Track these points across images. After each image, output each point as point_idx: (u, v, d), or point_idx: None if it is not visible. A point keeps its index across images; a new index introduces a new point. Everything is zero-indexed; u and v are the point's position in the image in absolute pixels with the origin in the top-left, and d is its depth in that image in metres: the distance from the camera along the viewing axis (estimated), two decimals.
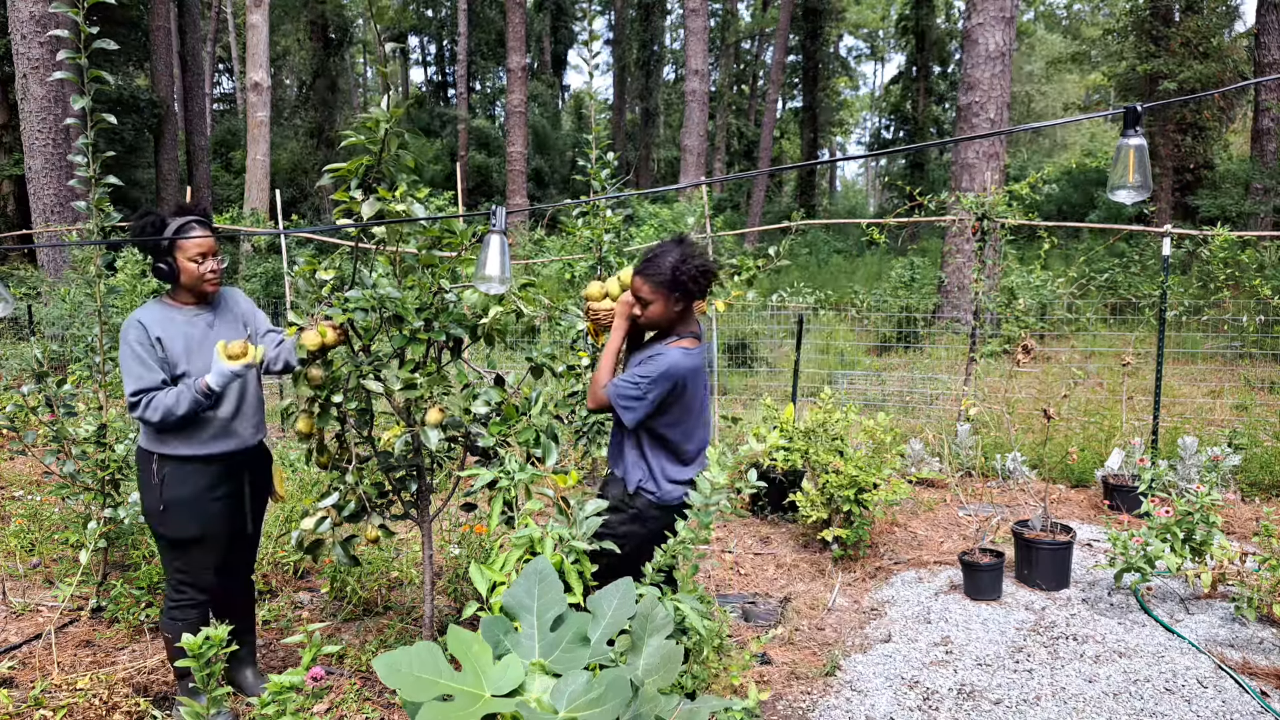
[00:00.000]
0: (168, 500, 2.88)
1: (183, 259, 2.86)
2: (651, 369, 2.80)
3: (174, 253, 2.85)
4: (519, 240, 15.10)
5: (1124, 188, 2.02)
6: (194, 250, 2.86)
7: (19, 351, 8.67)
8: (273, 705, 2.31)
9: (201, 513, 2.92)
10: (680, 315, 2.92)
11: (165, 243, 2.83)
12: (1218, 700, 3.22)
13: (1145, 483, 4.98)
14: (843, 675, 3.47)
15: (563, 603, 1.76)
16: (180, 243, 2.83)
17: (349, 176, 2.84)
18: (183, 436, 2.87)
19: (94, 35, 3.36)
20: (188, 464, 2.89)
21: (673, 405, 2.87)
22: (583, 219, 5.32)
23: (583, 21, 36.74)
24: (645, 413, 2.82)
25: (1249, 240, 9.02)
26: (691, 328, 2.96)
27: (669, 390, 2.81)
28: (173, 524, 2.91)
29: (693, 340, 2.93)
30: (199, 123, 22.35)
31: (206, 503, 2.93)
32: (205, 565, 2.98)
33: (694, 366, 2.88)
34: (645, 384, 2.79)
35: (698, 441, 3.04)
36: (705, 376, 3.02)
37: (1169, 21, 17.70)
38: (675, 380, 2.81)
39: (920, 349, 10.66)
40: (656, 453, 2.94)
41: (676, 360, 2.82)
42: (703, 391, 3.01)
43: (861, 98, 52.53)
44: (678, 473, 2.96)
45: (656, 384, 2.79)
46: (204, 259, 2.88)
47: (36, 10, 11.18)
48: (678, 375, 2.81)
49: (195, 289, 2.92)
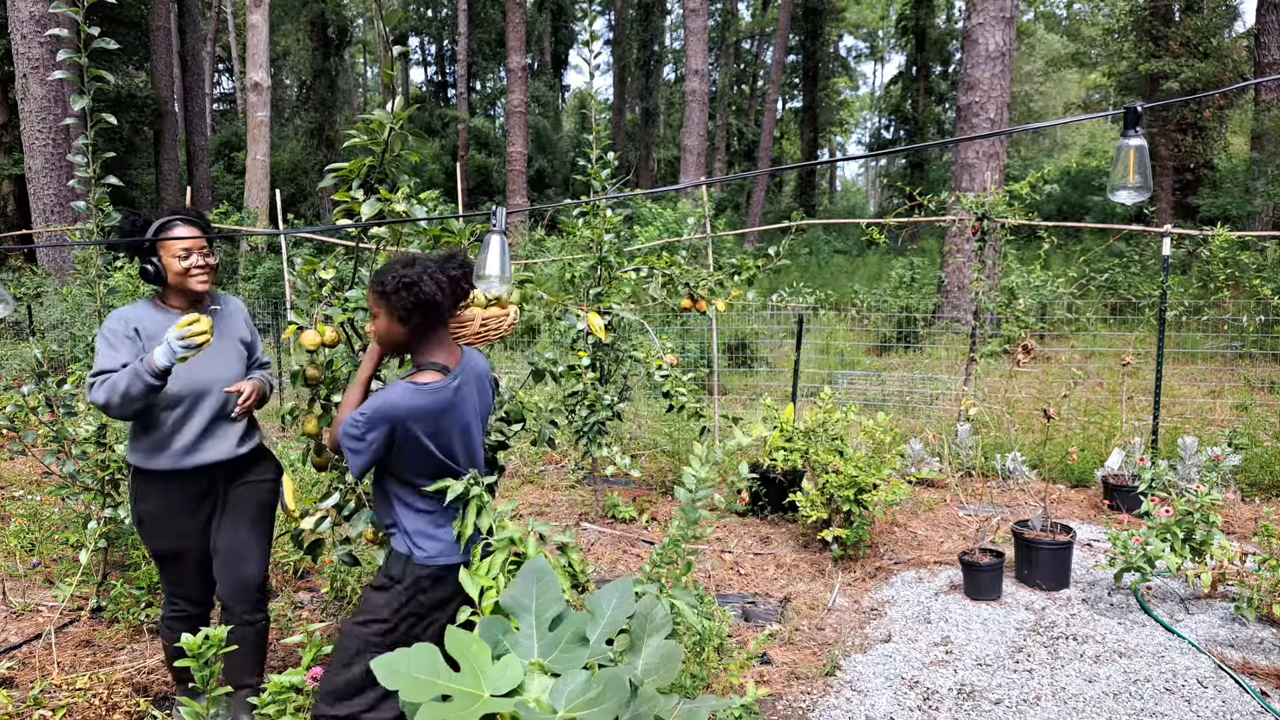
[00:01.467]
0: (139, 513, 2.82)
1: (166, 256, 2.75)
2: (367, 406, 2.33)
3: (157, 252, 2.75)
4: (519, 240, 15.11)
5: (1124, 188, 2.02)
6: (177, 246, 2.74)
7: (19, 351, 8.68)
8: (273, 705, 2.32)
9: (177, 528, 2.82)
10: (411, 337, 2.41)
11: (147, 243, 2.73)
12: (1218, 700, 3.22)
13: (1145, 483, 4.98)
14: (843, 675, 3.47)
15: (561, 602, 1.76)
16: (163, 240, 2.73)
17: (351, 176, 2.84)
18: (149, 447, 2.77)
19: (94, 35, 3.35)
20: (156, 478, 2.79)
21: (405, 453, 2.37)
22: (583, 219, 5.32)
23: (583, 21, 36.77)
24: (369, 459, 2.33)
25: (1249, 240, 9.01)
26: (433, 357, 2.42)
27: (388, 434, 2.31)
28: (148, 537, 2.84)
29: (433, 374, 2.39)
30: (199, 123, 22.36)
31: (183, 519, 2.82)
32: (189, 579, 2.90)
33: (422, 407, 2.33)
34: (362, 424, 2.30)
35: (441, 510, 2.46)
36: (459, 424, 2.44)
37: (1169, 21, 17.69)
38: (393, 421, 2.30)
39: (920, 349, 10.66)
40: (408, 511, 2.45)
41: (394, 399, 2.30)
42: (455, 443, 2.44)
43: (861, 98, 52.53)
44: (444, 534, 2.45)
45: (372, 425, 2.30)
46: (188, 254, 2.75)
47: (36, 10, 11.18)
48: (395, 416, 2.30)
49: (182, 287, 2.79)
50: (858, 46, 49.42)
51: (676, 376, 4.88)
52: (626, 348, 5.49)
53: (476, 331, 2.63)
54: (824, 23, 31.93)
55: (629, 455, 4.83)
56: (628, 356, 5.48)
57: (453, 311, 2.49)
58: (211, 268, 2.84)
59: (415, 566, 2.41)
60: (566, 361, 4.78)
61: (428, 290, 2.34)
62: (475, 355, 2.57)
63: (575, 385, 5.00)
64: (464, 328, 2.64)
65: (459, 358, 2.48)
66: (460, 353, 2.51)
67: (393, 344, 2.45)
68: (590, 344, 5.22)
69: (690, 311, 5.31)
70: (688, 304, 5.22)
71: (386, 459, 2.38)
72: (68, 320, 9.25)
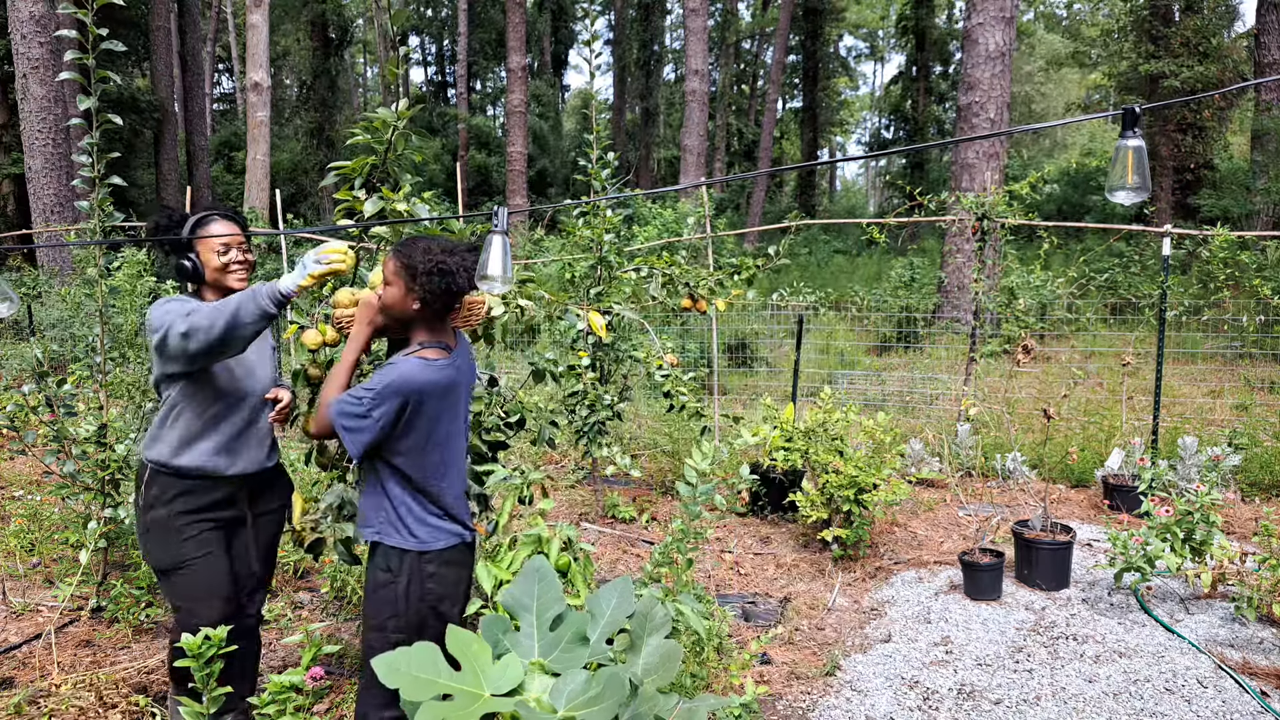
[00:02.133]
0: (150, 521, 2.63)
1: (205, 252, 2.65)
2: (377, 380, 2.29)
3: (194, 247, 2.65)
4: (518, 240, 15.12)
5: (1123, 188, 2.02)
6: (216, 242, 2.64)
7: (19, 351, 8.68)
8: (273, 705, 2.32)
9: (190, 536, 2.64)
10: (420, 315, 2.40)
11: (186, 239, 2.63)
12: (1218, 700, 3.22)
13: (1145, 482, 4.98)
14: (843, 675, 3.47)
15: (562, 602, 1.76)
16: (202, 237, 2.64)
17: (353, 175, 2.85)
18: (177, 441, 2.61)
19: (101, 36, 3.35)
20: (181, 480, 2.63)
21: (410, 431, 2.34)
22: (583, 219, 5.32)
23: (583, 21, 36.77)
24: (373, 436, 2.29)
25: (1249, 240, 9.02)
26: (440, 337, 2.44)
27: (400, 408, 2.29)
28: (151, 549, 2.65)
29: (440, 351, 2.40)
30: (199, 123, 22.36)
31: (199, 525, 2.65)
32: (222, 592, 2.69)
33: (436, 381, 2.34)
34: (369, 399, 2.26)
35: (452, 489, 2.44)
36: (457, 404, 2.44)
37: (1169, 21, 17.69)
38: (407, 395, 2.29)
39: (920, 349, 10.67)
40: (404, 498, 2.38)
41: (410, 371, 2.30)
42: (452, 424, 2.43)
43: (861, 98, 52.52)
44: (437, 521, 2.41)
45: (382, 399, 2.26)
46: (227, 250, 2.65)
47: (37, 10, 11.19)
48: (410, 389, 2.29)
49: (220, 284, 2.68)
50: (858, 46, 49.45)
51: (677, 376, 4.88)
52: (627, 348, 5.49)
53: (464, 316, 2.67)
54: (824, 23, 31.93)
55: (629, 455, 4.83)
56: (628, 356, 5.49)
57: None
58: (250, 264, 2.74)
59: (413, 556, 2.36)
60: (566, 361, 4.79)
61: (460, 283, 2.36)
62: (464, 339, 2.62)
63: (575, 385, 5.00)
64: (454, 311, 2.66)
65: (454, 337, 2.52)
66: (454, 332, 2.55)
67: (398, 317, 2.41)
68: (590, 344, 5.22)
69: (690, 311, 5.31)
70: (688, 304, 5.23)
71: (384, 441, 2.32)
72: (68, 320, 9.25)
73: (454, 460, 2.45)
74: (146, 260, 6.10)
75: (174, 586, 2.66)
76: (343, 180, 2.88)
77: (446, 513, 2.41)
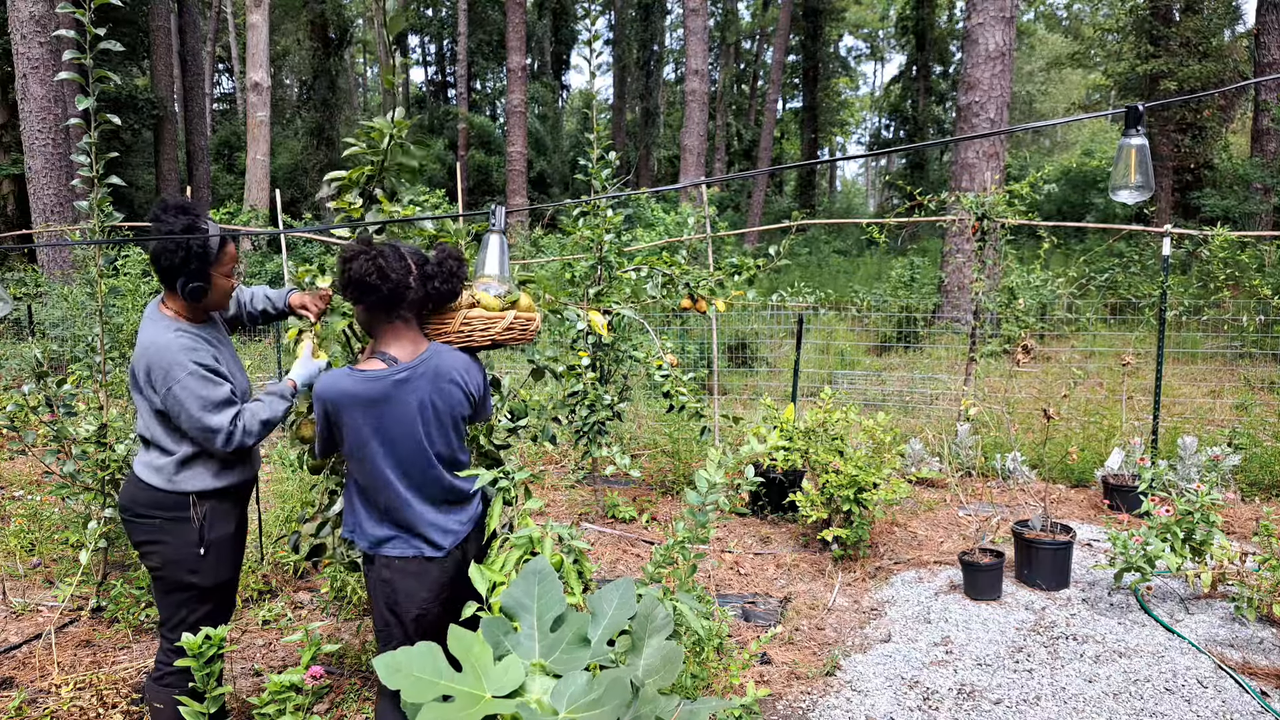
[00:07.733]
0: (211, 541, 2.56)
1: (219, 275, 2.53)
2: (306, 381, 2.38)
3: (212, 272, 2.52)
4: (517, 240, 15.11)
5: (1126, 187, 2.02)
6: (229, 265, 2.54)
7: (19, 351, 8.67)
8: (272, 705, 2.31)
9: (237, 550, 2.69)
10: (365, 321, 2.38)
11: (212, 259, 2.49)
12: (1218, 700, 3.22)
13: (1145, 482, 4.98)
14: (843, 675, 3.47)
15: (563, 603, 1.76)
16: (221, 258, 2.51)
17: (349, 185, 2.84)
18: (219, 467, 2.57)
19: (100, 36, 3.35)
20: (229, 498, 2.62)
21: (343, 439, 2.33)
22: (583, 219, 5.32)
23: (583, 21, 36.78)
24: (320, 439, 2.38)
25: (1249, 240, 9.02)
26: (386, 347, 2.34)
27: (323, 414, 2.31)
28: (211, 569, 2.58)
29: (377, 363, 2.31)
30: (199, 123, 22.35)
31: (240, 538, 2.71)
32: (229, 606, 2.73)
33: (352, 393, 2.25)
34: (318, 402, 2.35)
35: (382, 503, 2.36)
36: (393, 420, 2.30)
37: (1169, 21, 17.70)
38: (324, 403, 2.28)
39: (920, 349, 10.67)
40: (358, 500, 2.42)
41: (326, 380, 2.29)
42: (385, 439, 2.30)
43: (861, 98, 52.50)
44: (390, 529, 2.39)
45: (315, 404, 2.33)
46: (233, 273, 2.58)
47: (36, 10, 11.18)
48: (325, 397, 2.28)
49: (220, 305, 2.63)
50: (858, 46, 49.44)
51: (677, 376, 4.88)
52: (627, 348, 5.49)
53: (458, 331, 2.47)
54: (824, 23, 31.93)
55: (629, 455, 4.82)
56: (628, 356, 5.48)
57: (424, 305, 2.41)
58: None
59: (369, 556, 2.41)
60: (567, 361, 4.79)
61: (357, 269, 2.26)
62: (444, 354, 2.40)
63: (575, 385, 5.00)
64: (444, 325, 2.49)
65: (418, 353, 2.36)
66: (424, 349, 2.38)
67: (361, 322, 2.42)
68: (590, 344, 5.22)
69: (690, 311, 5.31)
70: (688, 304, 5.22)
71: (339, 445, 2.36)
72: (69, 320, 9.24)
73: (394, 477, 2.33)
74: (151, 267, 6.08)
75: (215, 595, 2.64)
76: (343, 190, 2.87)
77: (397, 524, 2.37)
